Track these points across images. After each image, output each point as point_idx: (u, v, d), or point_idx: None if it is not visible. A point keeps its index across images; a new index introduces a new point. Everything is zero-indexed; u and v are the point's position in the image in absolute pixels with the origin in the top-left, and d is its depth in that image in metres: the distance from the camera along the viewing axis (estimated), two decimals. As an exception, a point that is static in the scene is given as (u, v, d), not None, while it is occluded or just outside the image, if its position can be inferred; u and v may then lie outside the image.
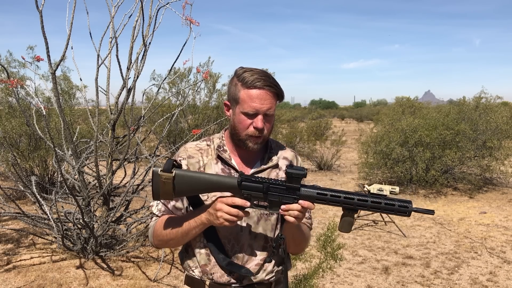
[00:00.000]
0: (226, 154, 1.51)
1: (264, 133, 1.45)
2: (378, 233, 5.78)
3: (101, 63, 4.35)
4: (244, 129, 1.44)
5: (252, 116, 1.42)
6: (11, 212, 4.47)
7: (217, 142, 1.55)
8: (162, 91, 9.60)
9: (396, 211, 1.29)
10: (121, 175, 5.26)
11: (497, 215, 6.72)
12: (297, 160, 1.63)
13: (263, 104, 1.41)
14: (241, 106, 1.44)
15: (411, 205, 1.28)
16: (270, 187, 1.32)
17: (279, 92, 1.45)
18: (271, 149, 1.57)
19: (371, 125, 19.01)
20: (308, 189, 1.31)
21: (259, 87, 1.41)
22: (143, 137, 5.30)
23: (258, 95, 1.41)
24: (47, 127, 3.86)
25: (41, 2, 3.79)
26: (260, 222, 1.48)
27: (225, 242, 1.46)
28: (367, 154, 9.18)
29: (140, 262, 4.57)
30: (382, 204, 1.29)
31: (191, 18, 4.13)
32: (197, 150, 1.54)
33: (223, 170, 1.50)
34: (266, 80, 1.42)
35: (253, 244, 1.48)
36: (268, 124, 1.46)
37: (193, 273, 1.51)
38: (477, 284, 4.12)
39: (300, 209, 1.29)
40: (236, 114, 1.46)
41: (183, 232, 1.42)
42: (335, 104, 78.75)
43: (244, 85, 1.43)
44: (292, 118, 17.74)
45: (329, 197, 1.30)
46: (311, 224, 1.61)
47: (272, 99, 1.44)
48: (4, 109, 7.74)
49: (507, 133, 8.71)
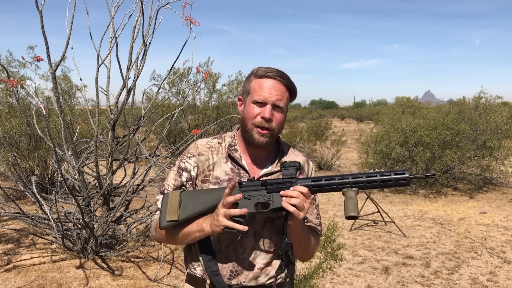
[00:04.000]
0: (237, 154, 1.49)
1: (272, 125, 1.43)
2: (378, 233, 5.78)
3: (101, 63, 4.35)
4: (252, 118, 1.43)
5: (261, 105, 1.42)
6: (11, 212, 4.47)
7: (229, 141, 1.53)
8: (162, 91, 9.61)
9: (394, 181, 1.28)
10: (121, 175, 5.26)
11: (497, 215, 6.72)
12: (309, 165, 1.59)
13: (272, 94, 1.41)
14: (251, 96, 1.44)
15: (408, 172, 1.28)
16: (268, 182, 1.35)
17: (290, 85, 1.45)
18: (283, 152, 1.55)
19: (371, 125, 19.01)
20: (303, 180, 1.34)
21: (270, 77, 1.43)
22: (143, 137, 5.30)
23: (268, 84, 1.42)
24: (47, 127, 3.86)
25: (41, 2, 3.79)
26: (266, 225, 1.45)
27: (229, 242, 1.44)
28: (367, 154, 9.18)
29: (140, 262, 4.57)
30: (378, 177, 1.29)
31: (191, 18, 4.13)
32: (208, 148, 1.52)
33: (232, 170, 1.48)
34: (279, 72, 1.43)
35: (257, 247, 1.45)
36: (277, 117, 1.44)
37: (195, 271, 1.49)
38: (477, 284, 4.12)
39: (297, 194, 1.29)
40: (247, 105, 1.46)
41: (183, 234, 1.41)
42: (335, 104, 78.76)
43: (257, 76, 1.45)
44: (292, 118, 17.73)
45: (324, 181, 1.32)
46: (321, 231, 1.58)
47: (283, 91, 1.44)
48: (4, 109, 7.73)
49: (507, 133, 8.71)
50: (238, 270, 1.44)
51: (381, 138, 8.88)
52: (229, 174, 1.47)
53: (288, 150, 1.57)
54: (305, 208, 1.30)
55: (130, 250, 4.70)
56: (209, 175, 1.48)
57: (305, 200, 1.30)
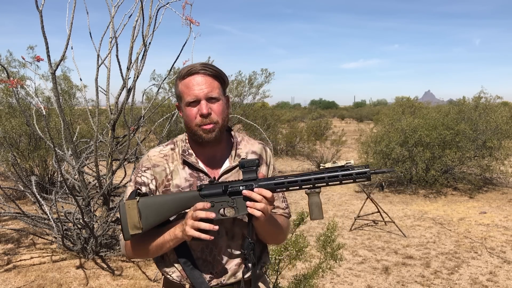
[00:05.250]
0: (192, 158, 1.46)
1: (214, 119, 1.40)
2: (378, 233, 5.78)
3: (101, 63, 4.36)
4: (192, 120, 1.40)
5: (195, 104, 1.39)
6: (11, 212, 4.47)
7: (182, 146, 1.49)
8: (162, 91, 9.62)
9: (355, 178, 1.29)
10: (121, 175, 5.26)
11: (497, 215, 6.72)
12: (266, 152, 1.55)
13: (201, 89, 1.38)
14: (184, 99, 1.41)
15: (369, 168, 1.29)
16: (229, 186, 1.34)
17: (216, 73, 1.41)
18: (238, 144, 1.52)
19: (371, 125, 19.01)
20: (266, 181, 1.34)
21: (193, 73, 1.40)
22: (143, 137, 5.30)
23: (194, 81, 1.39)
24: (47, 127, 3.86)
25: (41, 2, 3.79)
26: (236, 222, 1.44)
27: (203, 246, 1.42)
28: (367, 154, 9.18)
29: (140, 262, 4.57)
30: (339, 176, 1.30)
31: (191, 18, 4.13)
32: (162, 157, 1.48)
33: (191, 175, 1.44)
34: (200, 65, 1.40)
35: (231, 245, 1.44)
36: (215, 108, 1.40)
37: (172, 277, 1.46)
38: (477, 284, 4.12)
39: (260, 198, 1.28)
40: (183, 110, 1.43)
41: (157, 245, 1.39)
42: (335, 104, 78.75)
43: (181, 78, 1.42)
44: (292, 118, 17.75)
45: (286, 183, 1.33)
46: (289, 213, 1.58)
47: (211, 82, 1.40)
48: (4, 109, 7.74)
49: (507, 133, 8.71)
50: (217, 271, 1.43)
51: (381, 138, 8.88)
52: (189, 180, 1.44)
53: (242, 141, 1.54)
54: (269, 211, 1.31)
55: (130, 250, 4.70)
56: (169, 185, 1.45)
57: (268, 204, 1.30)
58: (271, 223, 1.43)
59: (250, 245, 1.34)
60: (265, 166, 1.54)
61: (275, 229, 1.47)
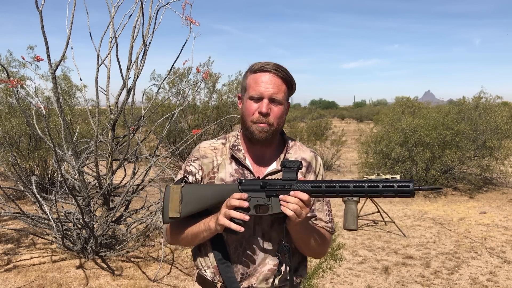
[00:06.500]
0: (240, 154, 1.46)
1: (271, 120, 1.39)
2: (378, 233, 5.78)
3: (101, 63, 4.35)
4: (250, 115, 1.40)
5: (257, 100, 1.39)
6: (11, 212, 4.47)
7: (232, 141, 1.50)
8: (162, 91, 9.60)
9: (397, 193, 1.22)
10: (121, 175, 5.26)
11: (497, 215, 6.72)
12: (317, 161, 1.53)
13: (268, 88, 1.38)
14: (248, 92, 1.42)
15: (412, 183, 1.20)
16: (268, 183, 1.33)
17: (287, 78, 1.41)
18: (289, 148, 1.51)
19: (371, 125, 19.01)
20: (303, 183, 1.31)
21: (266, 71, 1.40)
22: (143, 137, 5.30)
23: (263, 78, 1.39)
24: (47, 127, 3.86)
25: (41, 2, 3.79)
26: (274, 226, 1.42)
27: (237, 245, 1.41)
28: (367, 154, 9.18)
29: (140, 262, 4.57)
30: (380, 188, 1.23)
31: (191, 18, 4.13)
32: (212, 150, 1.50)
33: (236, 171, 1.45)
34: (274, 65, 1.40)
35: (266, 248, 1.42)
36: (275, 111, 1.40)
37: (205, 273, 1.46)
38: (477, 284, 4.12)
39: (296, 201, 1.26)
40: (244, 102, 1.44)
41: (193, 234, 1.40)
42: (335, 104, 78.80)
43: (252, 72, 1.43)
44: (292, 118, 17.75)
45: (324, 188, 1.29)
46: (332, 228, 1.53)
47: (280, 85, 1.40)
48: (4, 109, 7.73)
49: (507, 133, 8.72)
50: (248, 272, 1.42)
51: (381, 138, 8.89)
52: (234, 175, 1.45)
53: (293, 146, 1.52)
54: (303, 214, 1.28)
55: (130, 250, 4.70)
56: (214, 177, 1.46)
57: (304, 207, 1.27)
58: (307, 230, 1.40)
59: (285, 247, 1.31)
60: (313, 175, 1.51)
61: (311, 239, 1.42)
